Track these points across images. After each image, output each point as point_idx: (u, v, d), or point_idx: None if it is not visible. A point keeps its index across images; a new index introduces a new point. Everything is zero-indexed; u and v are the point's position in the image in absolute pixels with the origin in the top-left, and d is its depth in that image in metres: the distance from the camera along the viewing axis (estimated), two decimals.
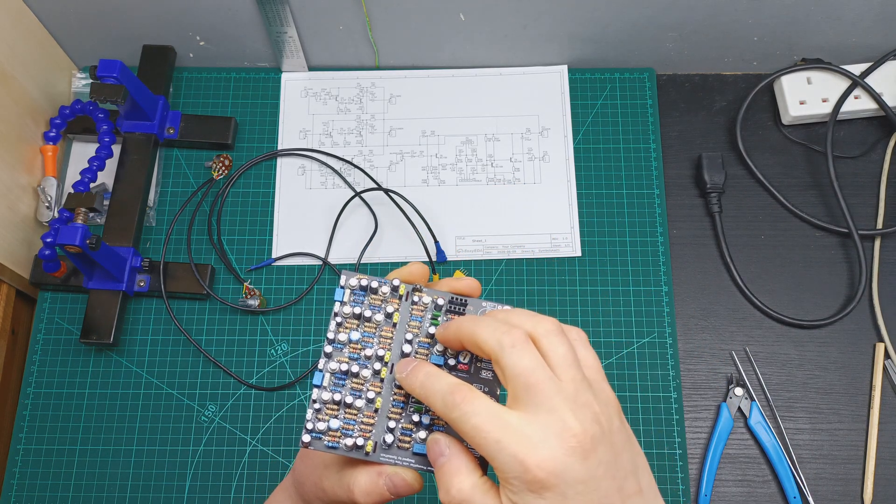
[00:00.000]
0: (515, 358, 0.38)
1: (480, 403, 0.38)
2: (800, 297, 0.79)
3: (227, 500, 0.73)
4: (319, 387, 0.43)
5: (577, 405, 0.38)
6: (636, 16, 0.80)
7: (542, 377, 0.38)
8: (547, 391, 0.38)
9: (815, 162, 0.84)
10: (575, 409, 0.38)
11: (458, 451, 0.40)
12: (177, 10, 0.80)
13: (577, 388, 0.38)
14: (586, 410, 0.38)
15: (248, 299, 0.77)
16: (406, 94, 0.86)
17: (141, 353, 0.77)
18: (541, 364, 0.38)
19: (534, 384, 0.38)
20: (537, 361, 0.38)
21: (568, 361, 0.39)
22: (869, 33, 0.82)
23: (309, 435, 0.43)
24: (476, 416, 0.38)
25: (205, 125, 0.83)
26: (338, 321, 0.44)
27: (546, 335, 0.40)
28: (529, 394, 0.38)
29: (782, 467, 0.73)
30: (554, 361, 0.39)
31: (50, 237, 0.72)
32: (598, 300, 0.78)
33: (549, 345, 0.39)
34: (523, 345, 0.39)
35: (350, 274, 0.45)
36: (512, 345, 0.39)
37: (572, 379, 0.39)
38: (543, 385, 0.38)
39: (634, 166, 0.83)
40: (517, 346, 0.39)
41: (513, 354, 0.38)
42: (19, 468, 0.74)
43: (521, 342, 0.39)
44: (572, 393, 0.38)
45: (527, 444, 0.37)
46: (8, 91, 0.76)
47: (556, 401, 0.38)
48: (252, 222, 0.81)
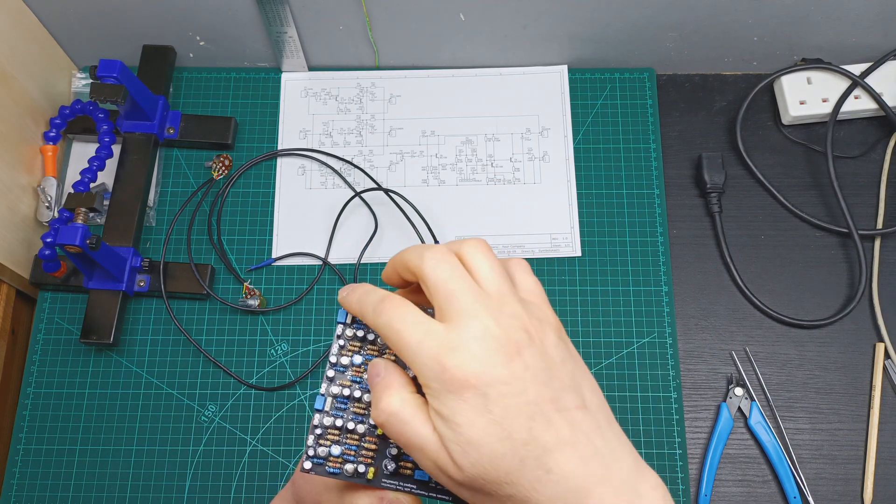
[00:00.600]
0: (438, 269, 0.38)
1: (407, 310, 0.38)
2: (800, 297, 0.79)
3: (227, 500, 0.73)
4: (321, 411, 0.43)
5: (501, 314, 0.37)
6: (636, 16, 0.80)
7: (463, 286, 0.38)
8: (467, 299, 0.37)
9: (815, 162, 0.84)
10: (498, 316, 0.37)
11: (392, 369, 0.40)
12: (177, 10, 0.80)
13: (503, 299, 0.38)
14: (512, 320, 0.37)
15: (248, 299, 0.77)
16: (406, 94, 0.86)
17: (141, 353, 0.77)
18: (463, 275, 0.38)
19: (453, 292, 0.38)
20: (458, 272, 0.38)
21: (494, 274, 0.39)
22: (869, 33, 0.82)
23: (310, 461, 0.42)
24: (400, 321, 0.38)
25: (205, 125, 0.83)
26: (340, 344, 0.44)
27: (471, 252, 0.40)
28: (450, 302, 0.38)
29: (782, 467, 0.73)
30: (479, 275, 0.39)
31: (50, 237, 0.72)
32: (598, 300, 0.78)
33: (474, 260, 0.39)
34: (445, 257, 0.39)
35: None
36: (433, 258, 0.39)
37: (497, 290, 0.38)
38: (464, 293, 0.38)
39: (634, 166, 0.83)
40: (439, 260, 0.39)
41: (435, 266, 0.38)
42: (19, 468, 0.74)
43: (444, 256, 0.39)
44: (496, 302, 0.38)
45: (447, 346, 0.36)
46: (8, 91, 0.76)
47: (477, 308, 0.37)
48: (252, 222, 0.81)
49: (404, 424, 0.38)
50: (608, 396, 0.75)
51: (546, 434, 0.36)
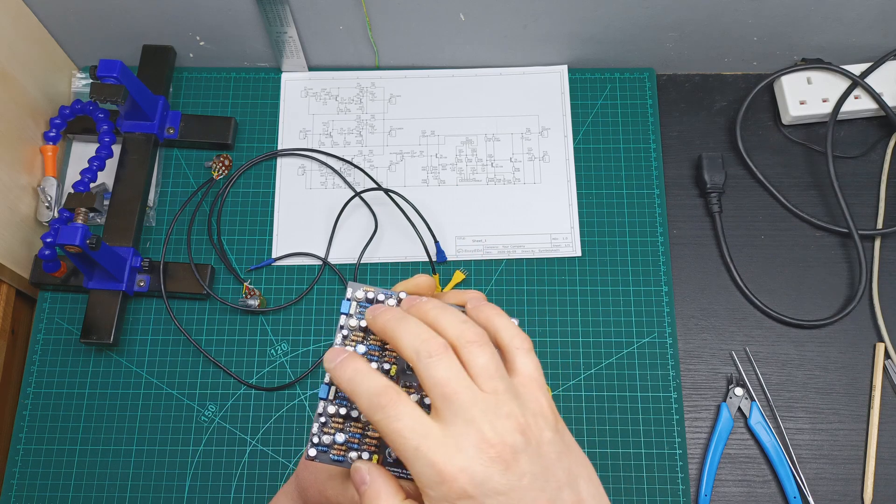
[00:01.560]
0: (432, 368, 0.38)
1: (405, 409, 0.38)
2: (800, 297, 0.79)
3: (227, 500, 0.73)
4: (325, 399, 0.43)
5: (496, 416, 0.37)
6: (636, 16, 0.80)
7: (458, 387, 0.37)
8: (464, 402, 0.37)
9: (815, 162, 0.84)
10: (494, 419, 0.37)
11: (378, 475, 0.40)
12: (177, 10, 0.80)
13: (499, 398, 0.38)
14: (508, 421, 0.37)
15: (248, 299, 0.77)
16: (406, 94, 0.86)
17: (141, 353, 0.77)
18: (458, 374, 0.38)
19: (450, 395, 0.37)
20: (454, 372, 0.38)
21: (489, 372, 0.38)
22: (869, 33, 0.82)
23: (315, 448, 0.43)
24: (398, 421, 0.37)
25: (205, 125, 0.83)
26: (343, 334, 0.44)
27: (467, 345, 0.39)
28: (447, 404, 0.37)
29: (782, 467, 0.73)
30: (475, 372, 0.38)
31: (50, 237, 0.72)
32: (598, 300, 0.78)
33: (470, 355, 0.39)
34: (441, 355, 0.38)
35: (356, 286, 0.45)
36: (429, 355, 0.38)
37: (493, 390, 0.38)
38: (460, 395, 0.37)
39: (634, 166, 0.83)
40: (433, 357, 0.38)
41: (429, 365, 0.38)
42: (19, 468, 0.74)
43: (439, 352, 0.38)
44: (493, 404, 0.38)
45: (444, 454, 0.36)
46: (8, 91, 0.76)
47: (473, 411, 0.37)
48: (252, 222, 0.81)
49: None
50: (608, 396, 0.75)
51: None
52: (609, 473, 0.72)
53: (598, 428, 0.74)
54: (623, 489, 0.72)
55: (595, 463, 0.73)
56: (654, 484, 0.72)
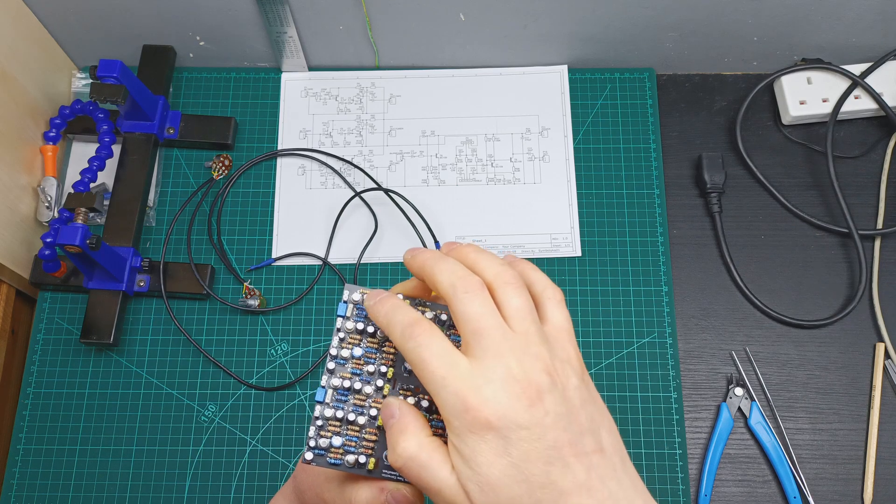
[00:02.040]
0: (466, 303, 0.39)
1: (435, 340, 0.39)
2: (800, 297, 0.79)
3: (227, 500, 0.73)
4: (322, 403, 0.43)
5: (525, 354, 0.38)
6: (636, 16, 0.80)
7: (490, 324, 0.38)
8: (494, 337, 0.38)
9: (815, 162, 0.84)
10: (523, 358, 0.38)
11: (407, 411, 0.40)
12: (177, 10, 0.80)
13: (529, 339, 0.38)
14: (536, 362, 0.38)
15: (248, 299, 0.77)
16: (406, 94, 0.86)
17: (141, 353, 0.77)
18: (491, 311, 0.39)
19: (481, 330, 0.38)
20: (488, 308, 0.39)
21: (522, 313, 0.39)
22: (869, 33, 0.82)
23: (311, 452, 0.43)
24: (427, 349, 0.38)
25: (205, 125, 0.83)
26: (340, 336, 0.44)
27: (503, 286, 0.40)
28: (477, 339, 0.38)
29: (782, 467, 0.73)
30: (508, 312, 0.39)
31: (50, 237, 0.72)
32: (598, 300, 0.78)
33: (504, 295, 0.39)
34: (476, 291, 0.39)
35: (353, 288, 0.45)
36: (465, 290, 0.39)
37: (525, 331, 0.39)
38: (491, 332, 0.38)
39: (634, 166, 0.83)
40: (469, 292, 0.39)
41: (464, 300, 0.39)
42: (19, 468, 0.74)
43: (475, 289, 0.39)
44: (522, 343, 0.38)
45: (470, 385, 0.37)
46: (8, 91, 0.76)
47: (502, 348, 0.38)
48: (252, 222, 0.81)
49: (423, 468, 0.38)
50: (608, 396, 0.75)
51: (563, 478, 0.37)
52: None
53: None
54: None
55: None
56: (654, 484, 0.72)
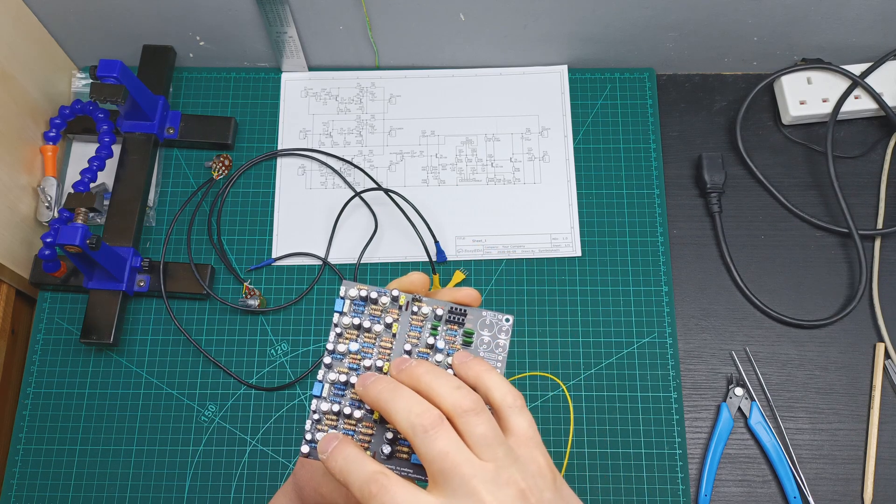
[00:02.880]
0: (429, 443, 0.37)
1: (397, 492, 0.37)
2: (800, 297, 0.79)
3: (227, 500, 0.73)
4: (319, 397, 0.44)
5: (497, 485, 0.37)
6: (636, 16, 0.80)
7: (457, 460, 0.37)
8: (464, 474, 0.37)
9: (815, 162, 0.84)
10: (495, 489, 0.36)
11: None
12: (177, 10, 0.80)
13: (499, 466, 0.37)
14: (509, 488, 0.37)
15: (248, 299, 0.77)
16: (406, 94, 0.86)
17: (141, 353, 0.77)
18: (456, 446, 0.37)
19: (449, 469, 0.37)
20: (452, 444, 0.37)
21: (487, 440, 0.38)
22: (869, 33, 0.82)
23: (308, 445, 0.43)
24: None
25: (205, 125, 0.83)
26: (337, 332, 0.45)
27: (464, 414, 0.38)
28: (446, 478, 0.37)
29: (782, 467, 0.73)
30: (472, 441, 0.38)
31: (50, 237, 0.72)
32: (598, 300, 0.78)
33: (467, 425, 0.38)
34: (437, 428, 0.37)
35: (350, 284, 0.45)
36: (424, 429, 0.37)
37: (492, 457, 0.37)
38: (460, 469, 0.37)
39: (634, 166, 0.83)
40: (430, 431, 0.37)
41: (426, 440, 0.37)
42: (19, 468, 0.74)
43: (435, 425, 0.37)
44: (492, 473, 0.37)
45: None
46: (8, 91, 0.76)
47: (473, 483, 0.36)
48: (252, 222, 0.81)
49: None
50: (608, 396, 0.75)
51: None
52: (609, 473, 0.72)
53: (598, 428, 0.74)
54: (623, 489, 0.72)
55: (595, 463, 0.73)
56: (654, 484, 0.72)
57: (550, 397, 0.75)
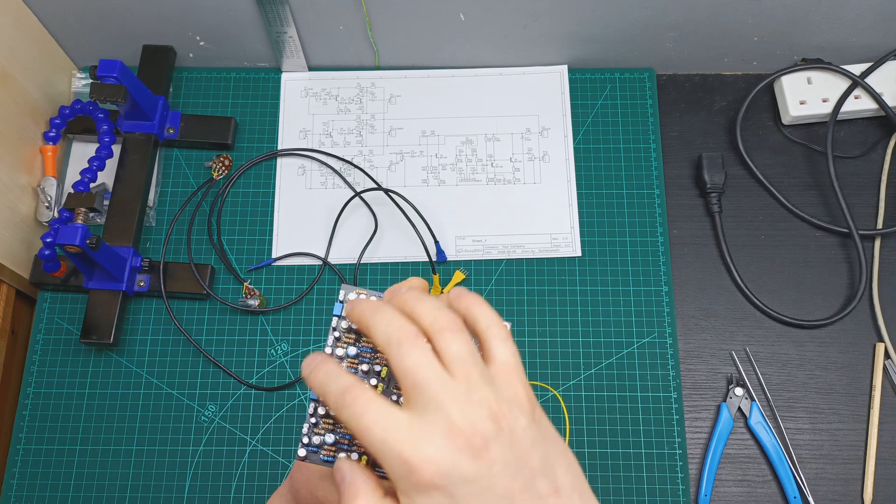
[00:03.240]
0: (402, 356, 0.37)
1: (370, 403, 0.37)
2: (800, 297, 0.79)
3: (227, 500, 0.73)
4: (316, 401, 0.43)
5: (468, 402, 0.36)
6: (636, 16, 0.80)
7: (428, 374, 0.37)
8: (434, 388, 0.36)
9: (815, 162, 0.84)
10: (465, 406, 0.36)
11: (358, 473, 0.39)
12: (177, 10, 0.80)
13: (471, 385, 0.37)
14: (480, 408, 0.37)
15: (248, 299, 0.77)
16: (406, 94, 0.86)
17: (141, 353, 0.77)
18: (429, 361, 0.37)
19: (420, 382, 0.37)
20: (424, 359, 0.37)
21: (461, 358, 0.37)
22: (869, 33, 0.82)
23: (305, 449, 0.43)
24: (364, 416, 0.37)
25: (205, 125, 0.83)
26: (336, 336, 0.44)
27: (440, 332, 0.38)
28: (417, 392, 0.37)
29: (782, 467, 0.73)
30: (447, 359, 0.38)
31: (50, 237, 0.72)
32: (598, 300, 0.78)
33: (443, 342, 0.38)
34: (412, 342, 0.37)
35: (349, 288, 0.44)
36: (399, 342, 0.37)
37: (465, 376, 0.37)
38: (430, 382, 0.37)
39: (634, 166, 0.83)
40: (404, 345, 0.37)
41: (400, 352, 0.37)
42: (19, 468, 0.74)
43: (410, 339, 0.38)
44: (464, 390, 0.37)
45: (411, 444, 0.36)
46: (8, 91, 0.76)
47: (443, 398, 0.36)
48: (252, 222, 0.81)
49: None
50: (608, 396, 0.75)
51: None
52: (609, 473, 0.72)
53: (598, 428, 0.74)
54: (623, 489, 0.72)
55: (595, 463, 0.73)
56: (654, 484, 0.72)
57: (550, 397, 0.75)
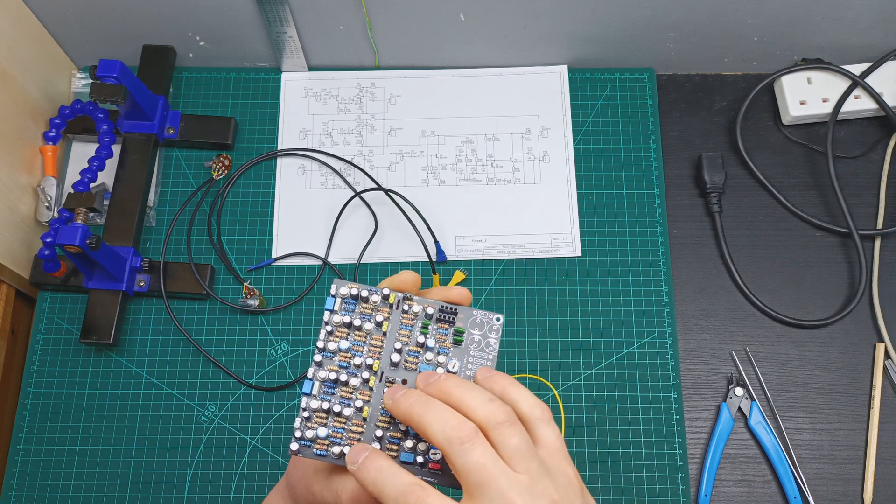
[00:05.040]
0: (465, 455, 0.38)
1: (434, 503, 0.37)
2: (800, 297, 0.79)
3: (227, 500, 0.73)
4: (308, 395, 0.44)
5: (533, 497, 0.37)
6: (636, 16, 0.80)
7: (493, 472, 0.37)
8: (501, 486, 0.37)
9: (815, 162, 0.84)
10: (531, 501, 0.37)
11: None
12: (177, 10, 0.80)
13: (533, 478, 0.38)
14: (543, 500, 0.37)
15: (248, 299, 0.77)
16: (406, 94, 0.86)
17: (141, 353, 0.77)
18: (492, 458, 0.38)
19: (486, 481, 0.37)
20: (488, 457, 0.38)
21: (521, 453, 0.38)
22: (869, 33, 0.82)
23: (297, 443, 0.43)
24: None
25: (205, 125, 0.83)
26: (328, 330, 0.45)
27: (498, 426, 0.39)
28: (482, 491, 0.37)
29: (782, 467, 0.73)
30: (507, 454, 0.38)
31: (50, 237, 0.72)
32: (598, 300, 0.78)
33: (501, 437, 0.38)
34: (473, 440, 0.38)
35: (341, 283, 0.45)
36: (461, 441, 0.38)
37: (527, 469, 0.38)
38: (496, 481, 0.37)
39: (634, 166, 0.83)
40: (466, 444, 0.38)
41: (462, 452, 0.38)
42: (19, 468, 0.74)
43: (471, 438, 0.38)
44: (527, 484, 0.37)
45: None
46: (8, 91, 0.76)
47: (511, 496, 0.37)
48: (252, 222, 0.81)
49: None
50: (608, 396, 0.75)
51: None
52: (609, 473, 0.72)
53: (598, 428, 0.74)
54: (623, 489, 0.72)
55: (595, 463, 0.73)
56: (654, 484, 0.72)
57: (550, 396, 0.75)
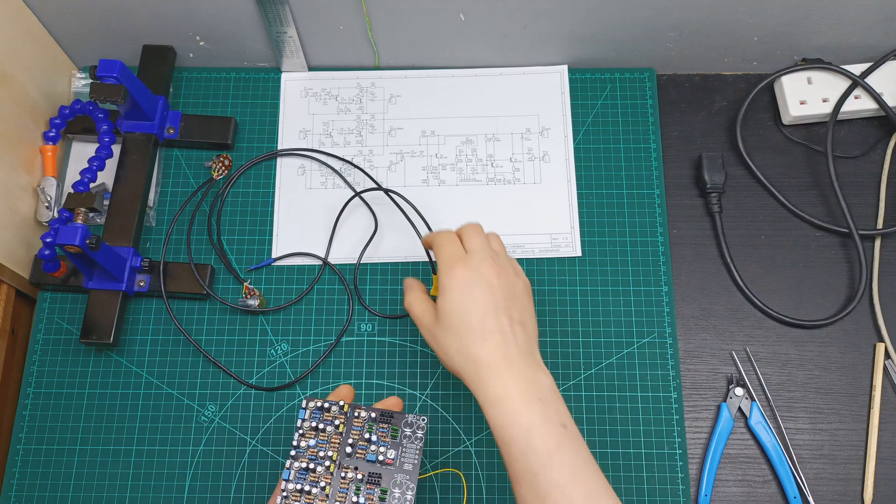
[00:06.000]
0: (440, 240, 0.64)
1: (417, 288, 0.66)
2: (800, 297, 0.79)
3: (227, 500, 0.73)
4: (287, 480, 0.57)
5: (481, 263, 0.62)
6: (636, 16, 0.80)
7: (453, 248, 0.63)
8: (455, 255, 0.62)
9: (815, 162, 0.84)
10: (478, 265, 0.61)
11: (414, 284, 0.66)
12: (177, 10, 0.80)
13: (481, 253, 0.62)
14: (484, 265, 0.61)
15: (248, 299, 0.77)
16: (406, 94, 0.86)
17: (141, 353, 0.77)
18: (453, 241, 0.64)
19: (448, 253, 0.63)
20: (453, 242, 0.64)
21: (475, 242, 0.63)
22: (869, 33, 0.82)
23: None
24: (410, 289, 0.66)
25: (205, 125, 0.83)
26: (301, 432, 0.59)
27: (467, 236, 0.64)
28: (443, 259, 0.62)
29: (782, 467, 0.73)
30: (469, 247, 0.63)
31: (50, 237, 0.72)
32: (598, 300, 0.78)
33: (468, 239, 0.64)
34: (450, 242, 0.64)
35: (310, 399, 0.60)
36: (441, 244, 0.64)
37: (475, 248, 0.63)
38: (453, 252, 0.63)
39: (634, 166, 0.83)
40: (444, 238, 0.64)
41: (442, 247, 0.63)
42: (19, 468, 0.74)
43: (449, 241, 0.64)
44: (476, 256, 0.62)
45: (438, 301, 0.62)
46: (8, 91, 0.76)
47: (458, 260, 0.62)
48: (252, 222, 0.81)
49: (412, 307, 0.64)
50: (608, 396, 0.75)
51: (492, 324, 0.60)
52: (609, 473, 0.72)
53: (598, 428, 0.74)
54: (623, 489, 0.72)
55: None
56: (654, 484, 0.72)
57: None
